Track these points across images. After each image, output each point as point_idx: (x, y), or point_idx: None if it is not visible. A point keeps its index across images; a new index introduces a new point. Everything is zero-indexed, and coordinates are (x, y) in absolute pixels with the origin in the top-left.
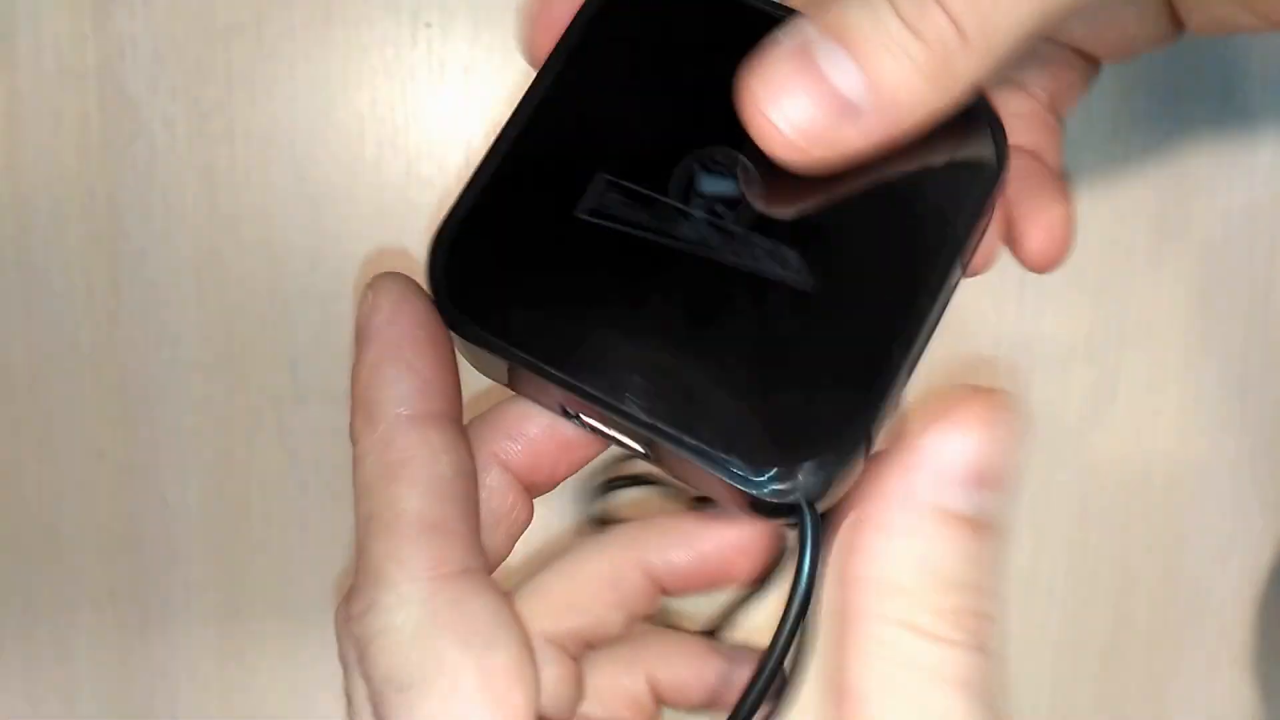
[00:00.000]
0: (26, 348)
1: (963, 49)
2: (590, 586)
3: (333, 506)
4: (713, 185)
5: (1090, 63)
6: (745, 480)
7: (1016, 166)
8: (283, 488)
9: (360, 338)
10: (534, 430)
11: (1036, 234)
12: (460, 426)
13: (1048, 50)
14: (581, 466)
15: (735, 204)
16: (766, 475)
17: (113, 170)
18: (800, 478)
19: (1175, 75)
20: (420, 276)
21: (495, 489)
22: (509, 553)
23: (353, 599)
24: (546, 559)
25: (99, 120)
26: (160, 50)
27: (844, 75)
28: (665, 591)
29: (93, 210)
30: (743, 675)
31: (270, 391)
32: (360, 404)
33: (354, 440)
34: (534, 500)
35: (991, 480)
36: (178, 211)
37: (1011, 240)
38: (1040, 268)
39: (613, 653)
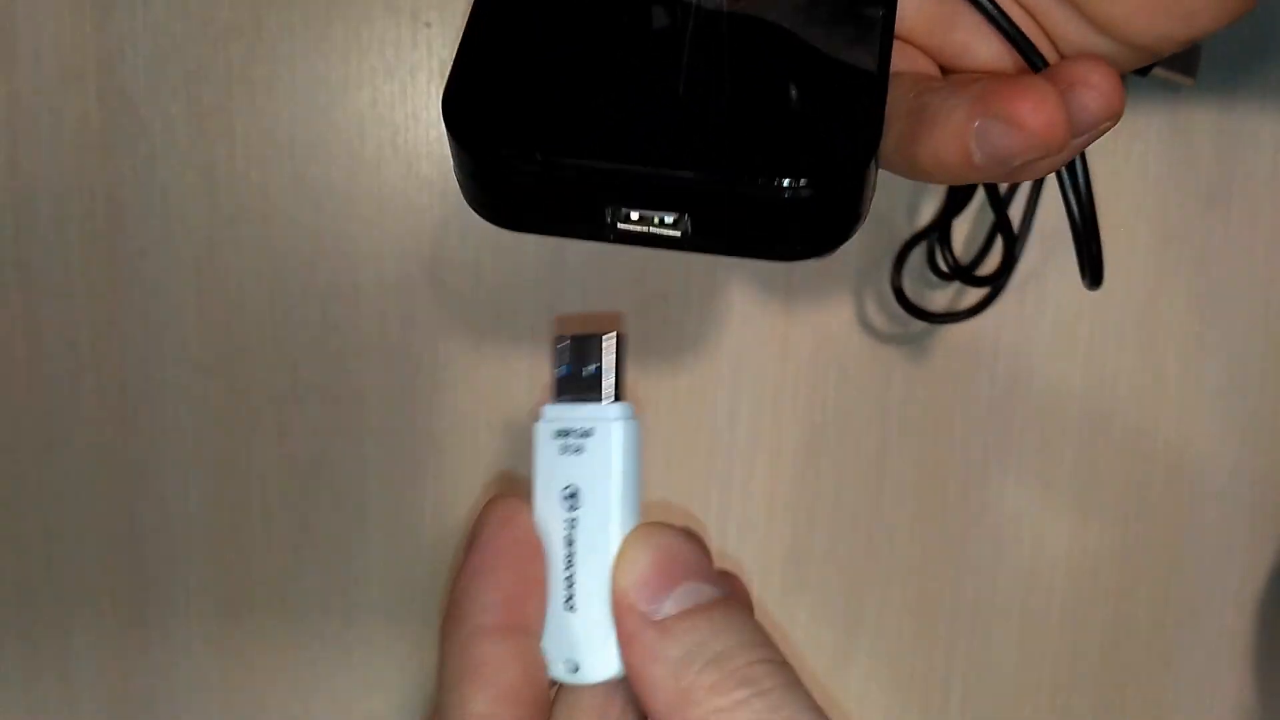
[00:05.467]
0: (27, 348)
1: None
2: None
3: (332, 507)
4: None
5: None
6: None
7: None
8: (283, 488)
9: (468, 545)
10: None
11: (1023, 107)
12: (533, 638)
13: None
14: None
15: None
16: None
17: (113, 170)
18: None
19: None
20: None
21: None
22: None
23: None
24: None
25: (99, 120)
26: (160, 50)
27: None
28: None
29: (93, 210)
30: None
31: (270, 391)
32: (453, 604)
33: (441, 636)
34: None
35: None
36: (178, 211)
37: (1004, 129)
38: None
39: None
